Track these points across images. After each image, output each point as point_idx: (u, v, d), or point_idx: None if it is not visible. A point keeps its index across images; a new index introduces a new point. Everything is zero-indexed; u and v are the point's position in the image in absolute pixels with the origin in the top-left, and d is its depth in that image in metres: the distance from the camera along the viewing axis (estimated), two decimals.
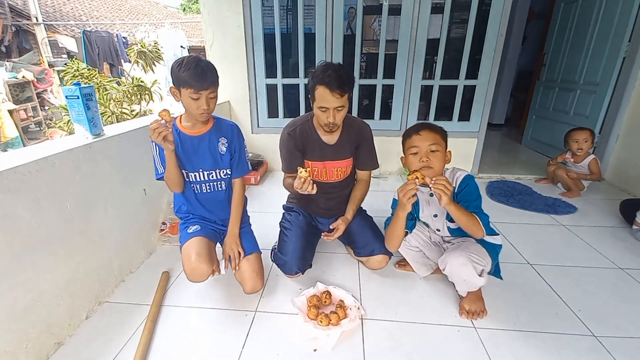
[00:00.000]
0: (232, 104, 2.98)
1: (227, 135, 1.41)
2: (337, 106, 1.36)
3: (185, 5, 19.43)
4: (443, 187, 1.13)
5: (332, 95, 1.32)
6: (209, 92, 1.22)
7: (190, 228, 1.39)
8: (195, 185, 1.41)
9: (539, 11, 4.54)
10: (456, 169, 1.36)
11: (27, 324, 1.06)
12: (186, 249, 1.31)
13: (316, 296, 1.36)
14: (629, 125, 2.66)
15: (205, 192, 1.43)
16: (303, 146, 1.55)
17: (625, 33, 2.57)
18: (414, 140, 1.29)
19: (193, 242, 1.32)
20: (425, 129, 1.29)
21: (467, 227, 1.25)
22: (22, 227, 1.04)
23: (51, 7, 8.19)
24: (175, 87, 1.23)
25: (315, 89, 1.36)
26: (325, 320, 1.22)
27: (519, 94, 4.95)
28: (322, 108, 1.37)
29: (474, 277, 1.24)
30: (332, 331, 1.19)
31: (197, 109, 1.23)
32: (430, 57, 2.85)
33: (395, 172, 3.07)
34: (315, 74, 1.37)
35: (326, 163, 1.58)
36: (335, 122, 1.40)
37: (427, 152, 1.26)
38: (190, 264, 1.26)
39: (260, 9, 2.71)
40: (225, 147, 1.41)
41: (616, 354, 1.15)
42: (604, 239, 1.92)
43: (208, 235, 1.39)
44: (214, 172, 1.41)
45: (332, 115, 1.37)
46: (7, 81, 5.61)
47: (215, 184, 1.43)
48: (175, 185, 1.36)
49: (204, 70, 1.18)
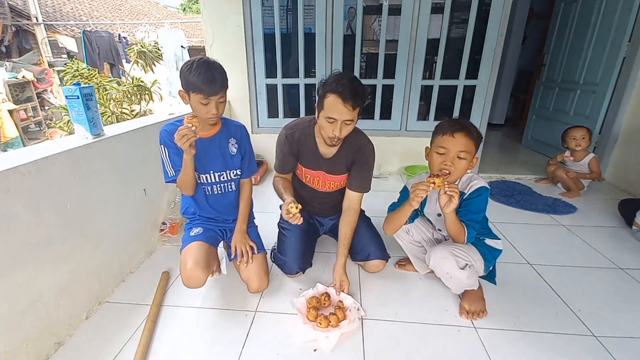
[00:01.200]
0: (232, 104, 2.98)
1: (236, 136, 1.41)
2: (347, 119, 1.26)
3: (185, 5, 19.44)
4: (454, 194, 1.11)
5: (344, 106, 1.23)
6: (219, 97, 1.20)
7: (193, 230, 1.39)
8: (206, 187, 1.40)
9: (539, 11, 4.54)
10: (475, 177, 1.29)
11: (27, 324, 1.06)
12: (184, 255, 1.30)
13: (315, 297, 1.35)
14: (628, 125, 2.66)
15: (217, 194, 1.42)
16: (298, 152, 1.50)
17: (625, 33, 2.57)
18: (445, 141, 1.20)
19: (192, 248, 1.30)
20: (461, 132, 1.18)
21: (452, 234, 1.26)
22: (22, 227, 1.04)
23: (51, 7, 8.19)
24: (184, 91, 1.21)
25: (325, 97, 1.26)
26: (325, 322, 1.21)
27: (519, 94, 4.95)
28: (330, 119, 1.27)
29: (456, 271, 1.24)
30: (331, 333, 1.19)
31: (206, 114, 1.22)
32: (430, 57, 2.85)
33: (395, 172, 3.07)
34: (327, 82, 1.27)
35: (319, 173, 1.53)
36: (340, 137, 1.31)
37: (454, 157, 1.19)
38: (186, 271, 1.25)
39: (260, 9, 2.71)
40: (236, 148, 1.41)
41: (616, 354, 1.15)
42: (604, 239, 1.92)
43: (209, 240, 1.38)
44: (225, 173, 1.40)
45: (338, 128, 1.27)
46: (7, 81, 5.61)
47: (226, 185, 1.43)
48: (190, 189, 1.34)
49: (214, 74, 1.16)
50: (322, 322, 1.21)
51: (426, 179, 1.17)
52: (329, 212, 1.69)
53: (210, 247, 1.37)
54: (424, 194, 1.16)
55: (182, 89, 1.23)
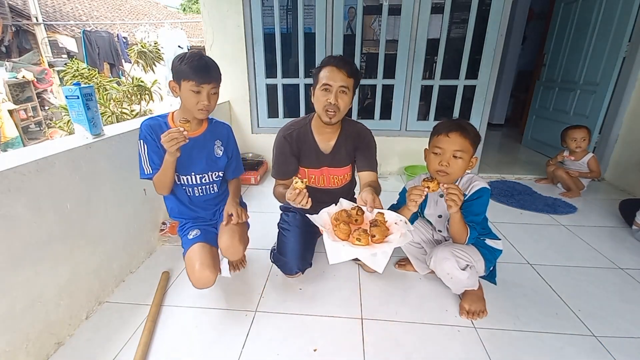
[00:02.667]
0: (232, 104, 2.98)
1: (222, 138, 1.39)
2: (342, 85, 1.27)
3: (185, 5, 19.43)
4: (456, 199, 1.11)
5: (339, 72, 1.27)
6: (211, 87, 1.17)
7: (191, 233, 1.35)
8: (187, 188, 1.36)
9: (539, 11, 4.54)
10: (475, 177, 1.29)
11: (27, 324, 1.06)
12: (189, 258, 1.28)
13: (345, 211, 1.07)
14: (629, 125, 2.66)
15: (198, 196, 1.39)
16: (299, 151, 1.49)
17: (625, 33, 2.57)
18: (440, 141, 1.20)
19: (196, 251, 1.28)
20: (456, 132, 1.18)
21: (454, 234, 1.25)
22: (22, 227, 1.04)
23: (51, 7, 8.19)
24: (175, 81, 1.19)
25: (319, 71, 1.31)
26: (365, 238, 0.94)
27: (519, 94, 4.95)
28: (325, 86, 1.29)
29: (456, 271, 1.24)
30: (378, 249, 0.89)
31: (196, 104, 1.17)
32: (430, 57, 2.85)
33: (395, 172, 3.07)
34: (321, 62, 1.33)
35: (323, 170, 1.52)
36: (337, 104, 1.29)
37: (449, 157, 1.19)
38: (195, 274, 1.23)
39: (260, 8, 2.71)
40: (221, 151, 1.38)
41: (616, 354, 1.15)
42: (604, 239, 1.92)
43: (209, 241, 1.35)
44: (207, 175, 1.37)
45: (334, 96, 1.28)
46: (7, 81, 5.61)
47: (208, 187, 1.40)
48: (166, 189, 1.30)
49: (207, 63, 1.15)
50: (361, 238, 0.94)
51: (421, 183, 1.17)
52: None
53: (212, 247, 1.35)
54: (420, 198, 1.17)
55: (172, 79, 1.19)
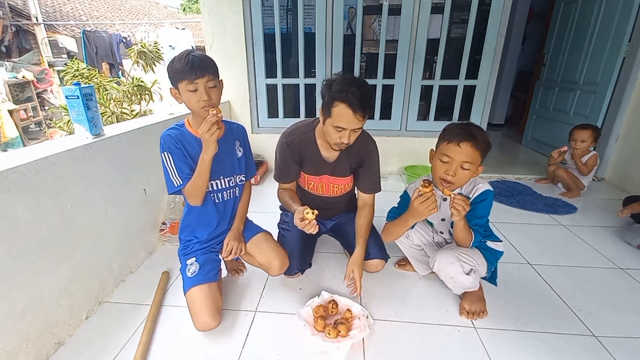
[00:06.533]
0: (232, 104, 2.98)
1: (240, 138, 1.37)
2: (356, 128, 1.23)
3: (185, 5, 19.42)
4: (461, 209, 1.10)
5: (354, 117, 1.18)
6: (206, 80, 1.11)
7: (189, 269, 1.27)
8: (215, 195, 1.32)
9: (539, 11, 4.54)
10: (478, 180, 1.26)
11: (27, 324, 1.06)
12: (191, 304, 1.23)
13: (322, 306, 1.29)
14: (629, 125, 2.66)
15: (227, 200, 1.36)
16: (301, 158, 1.47)
17: (625, 33, 2.57)
18: (450, 149, 1.15)
19: (198, 295, 1.22)
20: (467, 142, 1.12)
21: (458, 240, 1.25)
22: (22, 227, 1.04)
23: (51, 7, 8.19)
24: (174, 88, 1.16)
25: (333, 105, 1.19)
26: (334, 332, 1.17)
27: (519, 94, 4.95)
28: (339, 128, 1.22)
29: (460, 276, 1.23)
30: (341, 344, 1.14)
31: (197, 103, 1.12)
32: (430, 57, 2.86)
33: (395, 172, 3.07)
34: (333, 85, 1.20)
35: (323, 177, 1.51)
36: (349, 143, 1.27)
37: (457, 167, 1.15)
38: (199, 323, 1.21)
39: (260, 9, 2.71)
40: (241, 151, 1.37)
41: (616, 354, 1.15)
42: (604, 239, 1.92)
43: (209, 278, 1.27)
44: (233, 179, 1.34)
45: (347, 136, 1.24)
46: (7, 81, 5.61)
47: (234, 190, 1.37)
48: (201, 195, 1.23)
49: (194, 58, 1.09)
50: (330, 333, 1.17)
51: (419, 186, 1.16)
52: (332, 215, 1.68)
53: (212, 285, 1.27)
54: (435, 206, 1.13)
55: (171, 87, 1.17)
